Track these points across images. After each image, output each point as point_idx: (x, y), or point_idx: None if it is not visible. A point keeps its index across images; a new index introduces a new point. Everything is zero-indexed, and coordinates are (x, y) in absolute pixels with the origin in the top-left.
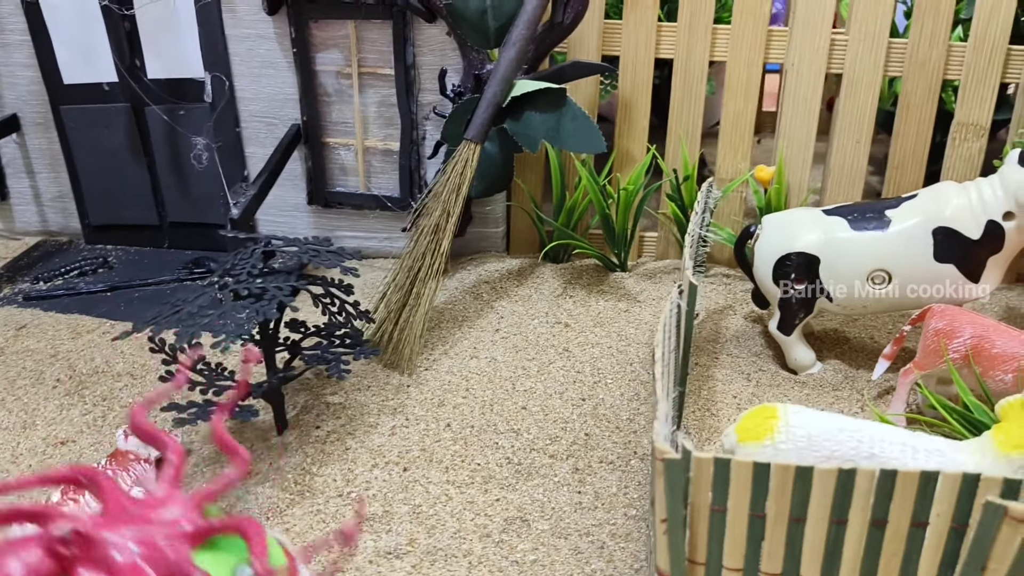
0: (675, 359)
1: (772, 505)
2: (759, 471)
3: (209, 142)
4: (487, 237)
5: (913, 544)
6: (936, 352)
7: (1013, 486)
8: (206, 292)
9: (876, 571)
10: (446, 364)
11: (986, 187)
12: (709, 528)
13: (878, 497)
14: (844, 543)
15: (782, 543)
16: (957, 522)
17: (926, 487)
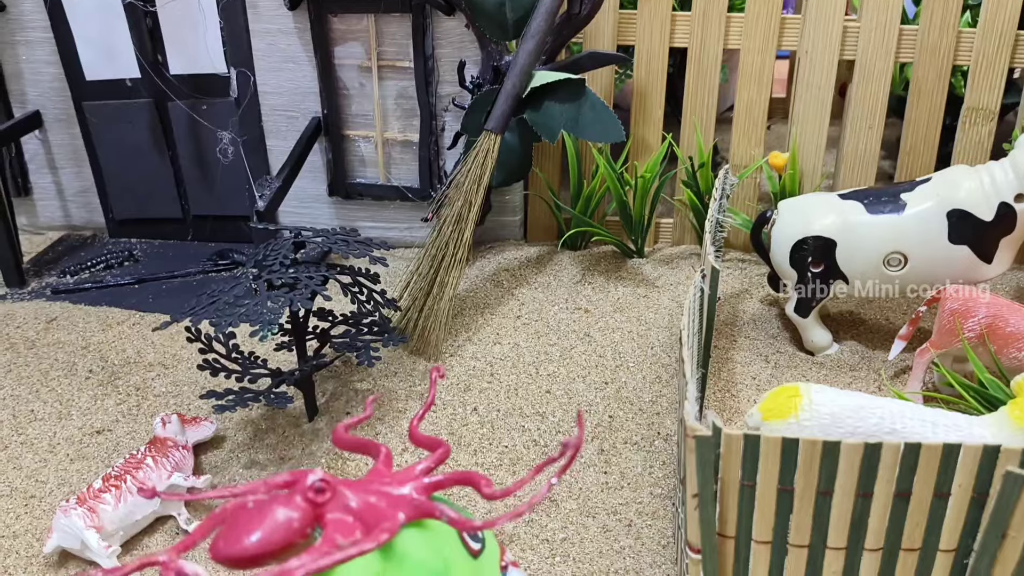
0: (698, 341)
1: (800, 480)
2: (787, 446)
3: (235, 136)
4: (506, 225)
5: (936, 514)
6: (952, 332)
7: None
8: (241, 282)
9: (900, 540)
10: (470, 350)
11: (998, 170)
12: (739, 503)
13: (902, 470)
14: (870, 515)
15: (810, 516)
16: (978, 492)
17: (948, 459)
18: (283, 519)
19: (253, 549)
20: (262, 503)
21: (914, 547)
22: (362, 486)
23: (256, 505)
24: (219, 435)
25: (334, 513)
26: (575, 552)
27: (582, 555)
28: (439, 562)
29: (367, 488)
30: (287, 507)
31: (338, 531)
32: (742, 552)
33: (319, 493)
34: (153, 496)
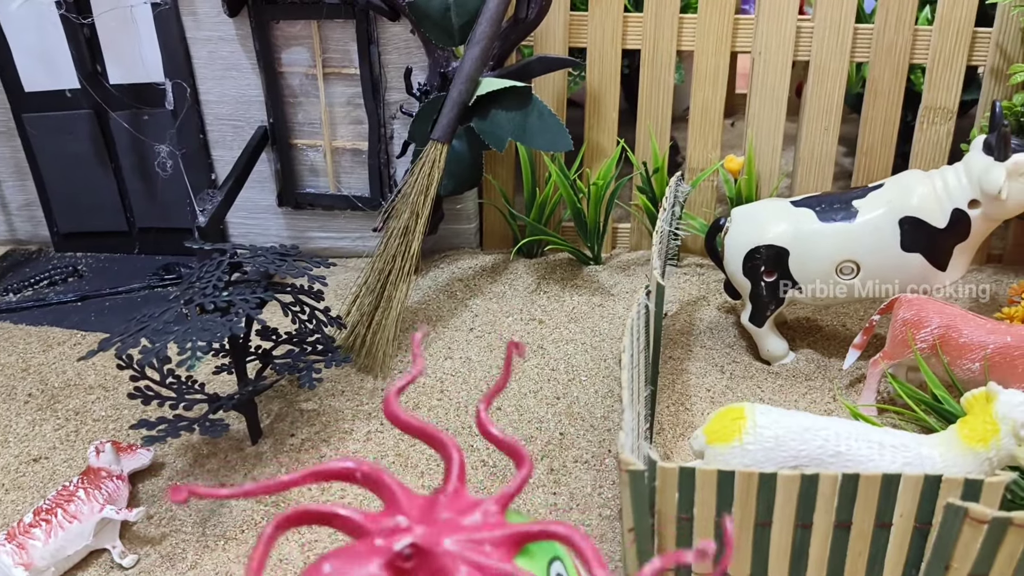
0: (645, 358)
1: (738, 512)
2: (723, 479)
3: (173, 148)
4: (460, 234)
5: (878, 544)
6: (904, 342)
7: (974, 486)
8: (171, 307)
9: (842, 571)
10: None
11: (951, 175)
12: (677, 536)
13: (842, 500)
14: (810, 545)
15: (749, 548)
16: (920, 521)
17: (889, 489)
18: None
19: None
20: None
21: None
22: (448, 533)
23: (334, 571)
24: (157, 462)
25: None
26: None
27: None
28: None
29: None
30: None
31: None
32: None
33: (407, 560)
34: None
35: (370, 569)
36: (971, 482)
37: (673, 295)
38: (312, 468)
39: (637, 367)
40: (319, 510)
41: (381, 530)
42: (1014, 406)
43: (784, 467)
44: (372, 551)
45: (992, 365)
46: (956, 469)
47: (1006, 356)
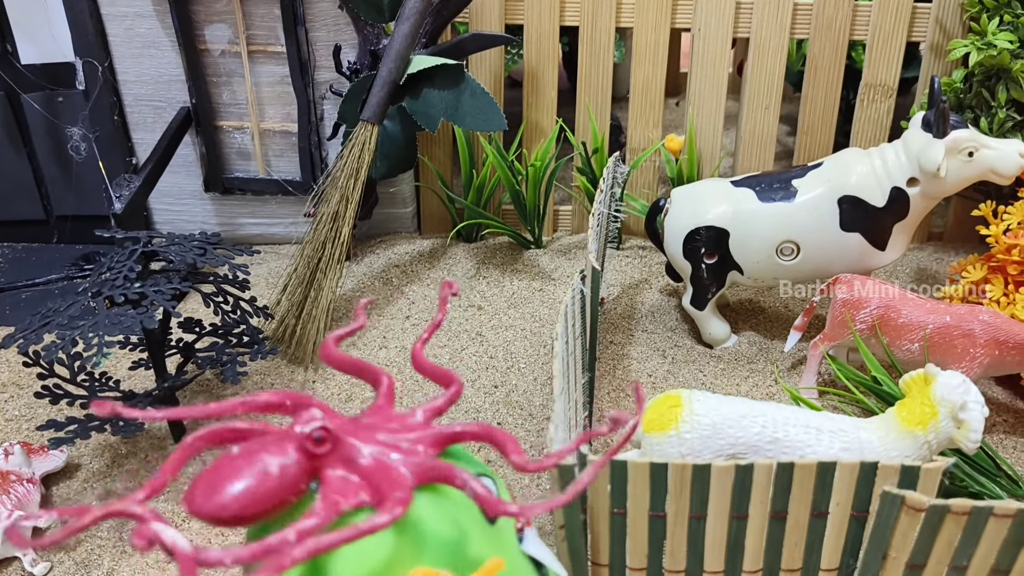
0: (581, 345)
1: (672, 505)
2: (656, 472)
3: (86, 132)
4: (396, 218)
5: (815, 533)
6: (843, 323)
7: (911, 473)
8: (78, 300)
9: (779, 561)
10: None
11: (890, 153)
12: (610, 531)
13: (777, 490)
14: (746, 537)
15: (684, 541)
16: (857, 510)
17: (824, 478)
18: (275, 470)
19: (236, 503)
20: (249, 449)
21: (794, 568)
22: (366, 433)
23: (242, 451)
24: (72, 463)
25: (335, 468)
26: None
27: None
28: (455, 532)
29: (371, 436)
30: (279, 455)
31: (339, 491)
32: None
33: (318, 444)
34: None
35: (282, 451)
36: (908, 469)
37: (614, 278)
38: (242, 398)
39: (573, 354)
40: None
41: (297, 423)
42: (952, 388)
43: (721, 455)
44: (285, 436)
45: (931, 345)
46: (895, 453)
47: (945, 336)
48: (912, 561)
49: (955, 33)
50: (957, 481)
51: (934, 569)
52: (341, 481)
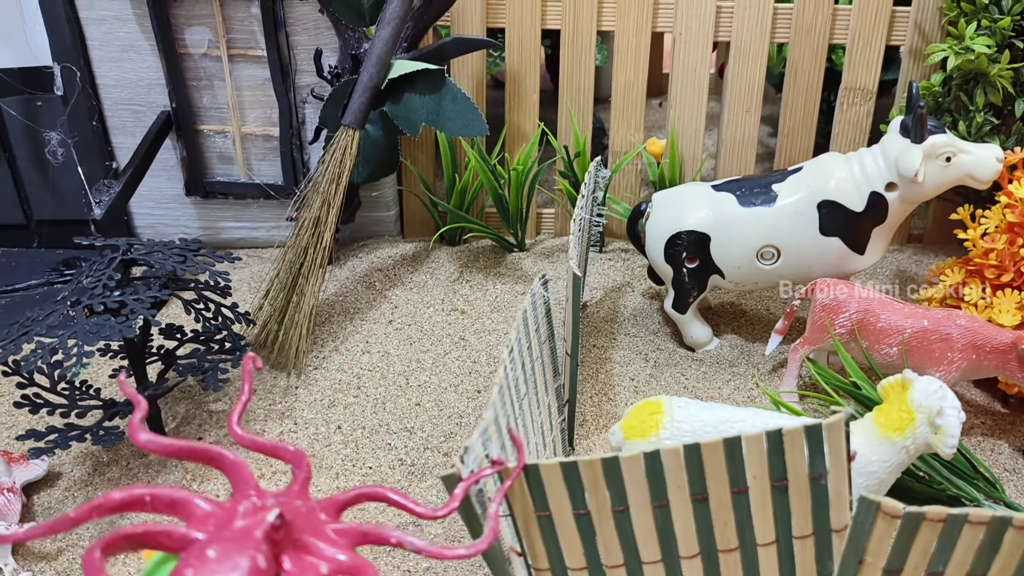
0: (549, 349)
1: (591, 501)
2: (567, 470)
3: (64, 137)
4: (379, 221)
5: (741, 510)
6: (823, 327)
7: (814, 433)
8: (56, 309)
9: (714, 543)
10: (336, 361)
11: (868, 158)
12: (542, 534)
13: (690, 473)
14: (673, 523)
15: (614, 535)
16: (775, 480)
17: (733, 453)
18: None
19: None
20: (225, 549)
21: (731, 547)
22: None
23: (219, 554)
24: (53, 472)
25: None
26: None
27: None
28: None
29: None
30: (256, 549)
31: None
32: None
33: (277, 530)
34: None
35: (255, 544)
36: (812, 429)
37: (597, 281)
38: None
39: (539, 360)
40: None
41: (239, 515)
42: (929, 394)
43: None
44: (245, 530)
45: (909, 349)
46: (873, 458)
47: (923, 340)
48: (888, 567)
49: (934, 37)
50: (935, 484)
51: (911, 574)
52: (300, 564)
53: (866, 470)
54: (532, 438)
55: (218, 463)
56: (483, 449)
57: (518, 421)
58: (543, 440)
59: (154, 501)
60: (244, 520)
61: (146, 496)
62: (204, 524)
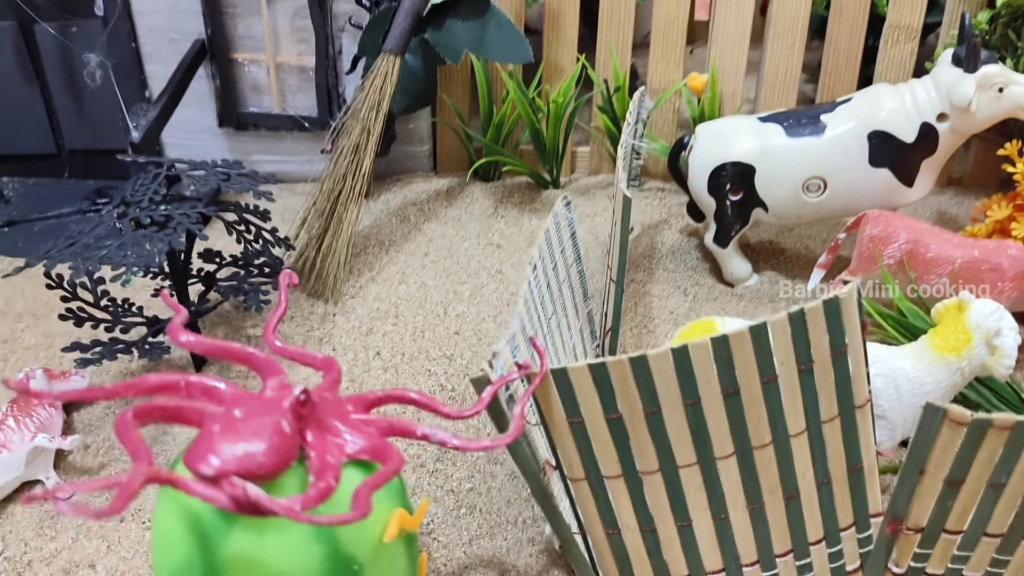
0: (577, 272)
1: (622, 404)
2: (597, 372)
3: (103, 59)
4: (413, 156)
5: (772, 402)
6: (871, 258)
7: (833, 307)
8: (104, 221)
9: (747, 438)
10: (373, 291)
11: (920, 88)
12: (575, 442)
13: (720, 366)
14: (706, 422)
15: (648, 439)
16: (802, 363)
17: (760, 341)
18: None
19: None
20: (251, 412)
21: (764, 443)
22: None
23: (245, 415)
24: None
25: (311, 430)
26: (482, 503)
27: (489, 505)
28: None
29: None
30: (282, 416)
31: (328, 450)
32: (598, 492)
33: (303, 405)
34: None
35: (281, 412)
36: (830, 303)
37: (635, 218)
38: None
39: (565, 282)
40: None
41: (270, 388)
42: (987, 315)
43: None
44: (273, 400)
45: (959, 279)
46: (928, 379)
47: (973, 270)
48: (950, 477)
49: None
50: (985, 400)
51: (972, 486)
52: (322, 440)
53: (921, 391)
54: (564, 359)
55: (250, 361)
56: (511, 355)
57: (546, 339)
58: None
59: (188, 387)
60: (272, 393)
61: (181, 381)
62: (234, 404)
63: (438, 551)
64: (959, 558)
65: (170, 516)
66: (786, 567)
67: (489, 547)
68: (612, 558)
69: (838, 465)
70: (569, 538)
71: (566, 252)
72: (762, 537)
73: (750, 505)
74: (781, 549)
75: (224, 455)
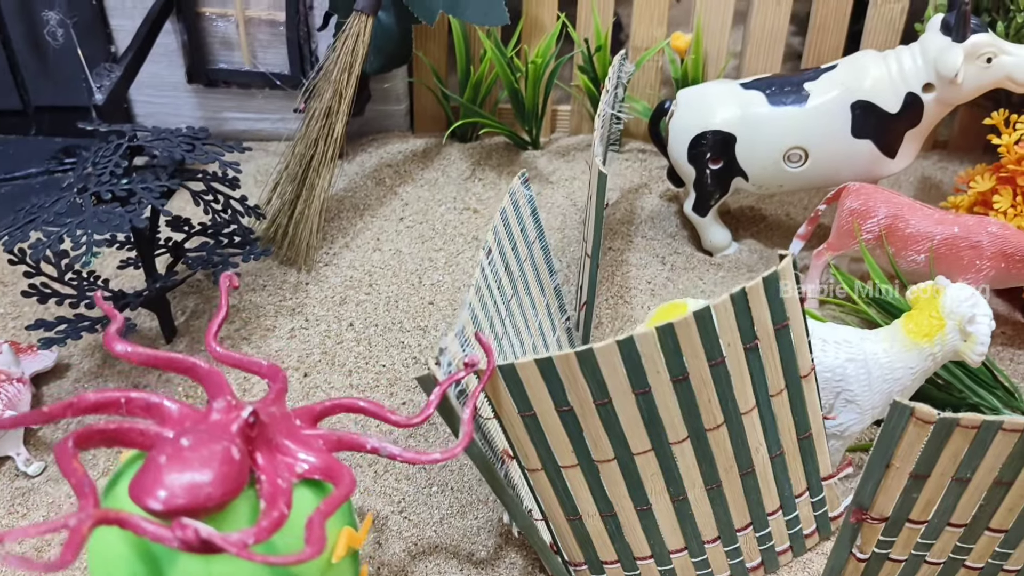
0: (541, 248)
1: (573, 397)
2: (544, 366)
3: (63, 17)
4: (389, 115)
5: (721, 383)
6: (850, 232)
7: (771, 281)
8: (63, 196)
9: (700, 421)
10: (347, 258)
11: (906, 56)
12: (528, 434)
13: (668, 355)
14: (657, 409)
15: (601, 429)
16: (747, 342)
17: (705, 325)
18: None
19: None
20: (199, 440)
21: (717, 424)
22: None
23: (193, 443)
24: (62, 363)
25: (260, 452)
26: (453, 481)
27: (460, 484)
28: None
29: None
30: (230, 441)
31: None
32: (556, 481)
33: (252, 428)
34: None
35: (228, 434)
36: (769, 278)
37: (613, 182)
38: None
39: (527, 260)
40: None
41: (216, 411)
42: (961, 301)
43: None
44: (220, 424)
45: (937, 256)
46: (899, 365)
47: (952, 247)
48: (916, 471)
49: None
50: (955, 392)
51: (937, 480)
52: (272, 461)
53: (892, 376)
54: (528, 339)
55: (192, 373)
56: (461, 349)
57: (506, 322)
58: (544, 341)
59: (129, 404)
60: (219, 415)
61: (121, 398)
62: (179, 424)
63: (409, 530)
64: (922, 545)
65: (112, 540)
66: (747, 540)
67: (460, 526)
68: (576, 542)
69: (788, 435)
70: (529, 524)
71: (527, 230)
72: (721, 514)
73: (708, 485)
74: (741, 523)
75: (172, 487)
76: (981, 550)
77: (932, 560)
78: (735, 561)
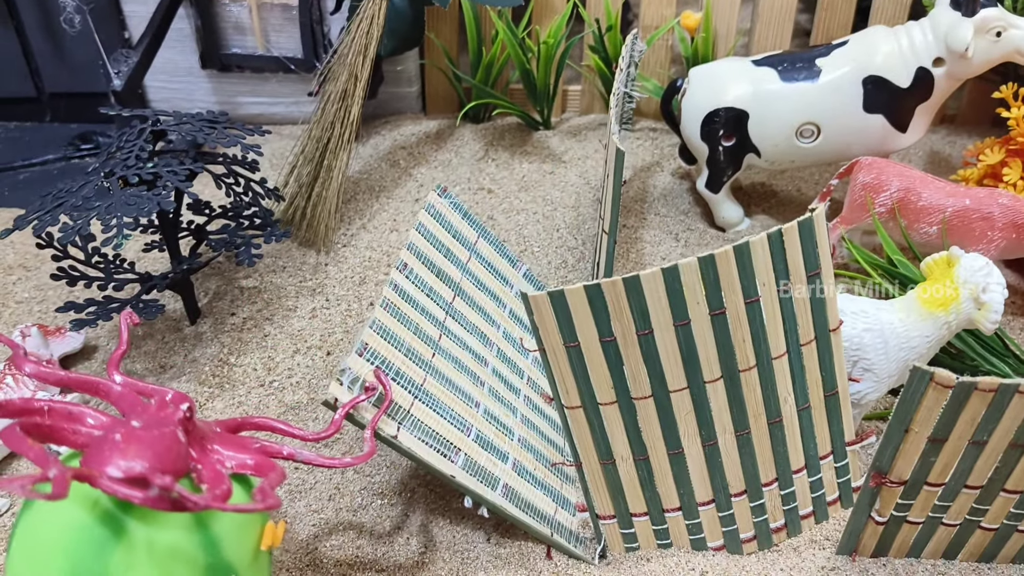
0: (489, 245)
1: (617, 325)
2: (592, 293)
3: (80, 3)
4: (401, 98)
5: (755, 323)
6: (863, 206)
7: (805, 225)
8: (91, 180)
9: (734, 359)
10: (365, 239)
11: (917, 32)
12: (571, 367)
13: (708, 287)
14: (696, 344)
15: (641, 362)
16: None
17: (743, 261)
18: (182, 437)
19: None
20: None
21: (749, 365)
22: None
23: (144, 424)
24: (89, 345)
25: (194, 447)
26: None
27: None
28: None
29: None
30: (176, 426)
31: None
32: (594, 421)
33: (189, 421)
34: None
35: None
36: (803, 222)
37: (626, 161)
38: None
39: (473, 260)
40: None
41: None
42: (975, 271)
43: None
44: (163, 414)
45: (949, 228)
46: (915, 334)
47: (964, 219)
48: (934, 435)
49: None
50: (967, 360)
51: (954, 444)
52: (205, 456)
53: (908, 345)
54: (488, 330)
55: (103, 394)
56: (368, 363)
57: (446, 323)
58: (519, 324)
59: (51, 413)
60: (159, 410)
61: (45, 407)
62: (130, 414)
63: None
64: (939, 508)
65: (46, 532)
66: (772, 497)
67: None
68: (607, 491)
69: (816, 390)
70: (497, 504)
71: (462, 235)
72: (749, 465)
73: (738, 431)
74: (767, 478)
75: (130, 458)
76: (996, 511)
77: (949, 522)
78: (760, 519)
